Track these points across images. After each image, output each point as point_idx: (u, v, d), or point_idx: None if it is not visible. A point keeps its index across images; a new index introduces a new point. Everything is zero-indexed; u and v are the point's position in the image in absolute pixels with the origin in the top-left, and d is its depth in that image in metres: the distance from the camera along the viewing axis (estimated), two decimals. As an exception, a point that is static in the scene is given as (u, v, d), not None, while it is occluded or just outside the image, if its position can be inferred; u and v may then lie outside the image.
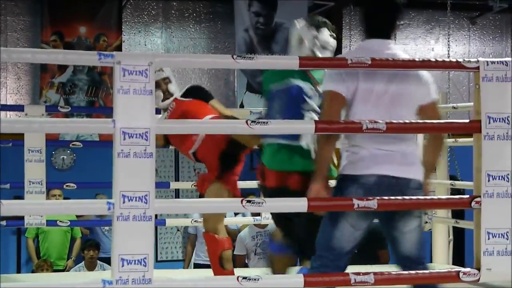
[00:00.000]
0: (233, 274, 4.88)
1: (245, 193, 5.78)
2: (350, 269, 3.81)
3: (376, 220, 6.70)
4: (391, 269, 4.00)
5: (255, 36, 10.65)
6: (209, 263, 7.97)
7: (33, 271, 8.60)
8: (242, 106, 10.27)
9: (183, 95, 5.39)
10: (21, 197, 6.26)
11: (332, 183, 3.96)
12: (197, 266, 8.27)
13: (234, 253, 7.83)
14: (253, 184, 6.56)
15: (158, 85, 5.09)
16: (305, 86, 4.44)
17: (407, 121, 3.83)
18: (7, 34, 10.22)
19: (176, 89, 5.41)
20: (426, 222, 6.38)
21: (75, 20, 10.33)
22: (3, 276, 5.97)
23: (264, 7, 10.64)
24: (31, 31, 10.30)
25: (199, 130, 4.42)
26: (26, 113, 6.36)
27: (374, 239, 7.50)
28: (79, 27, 10.35)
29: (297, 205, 3.76)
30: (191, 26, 10.79)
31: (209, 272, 5.99)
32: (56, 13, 10.20)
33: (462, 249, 7.86)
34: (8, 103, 9.87)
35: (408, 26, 11.47)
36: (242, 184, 6.58)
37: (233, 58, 3.70)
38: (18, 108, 8.13)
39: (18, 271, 9.55)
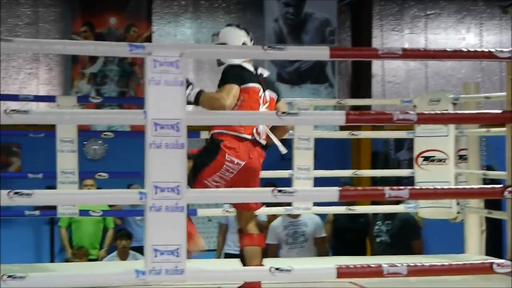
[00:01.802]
0: None
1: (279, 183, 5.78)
2: (383, 259, 3.80)
3: (408, 210, 6.71)
4: (425, 260, 3.98)
5: (285, 27, 10.62)
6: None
7: (67, 260, 8.67)
8: (272, 96, 10.24)
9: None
10: (53, 187, 6.30)
11: None
12: (228, 256, 8.28)
13: (266, 242, 7.82)
14: (283, 173, 6.58)
15: None
16: None
17: (438, 112, 3.81)
18: (39, 25, 10.28)
19: None
20: (459, 213, 6.35)
21: (106, 11, 10.36)
22: (37, 265, 6.04)
23: (294, -3, 10.62)
24: (62, 22, 10.35)
25: (231, 121, 4.41)
26: (58, 103, 6.39)
27: (408, 230, 7.49)
28: (109, 18, 10.38)
29: (329, 194, 3.77)
30: (220, 16, 10.78)
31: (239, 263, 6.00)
32: (86, 4, 10.25)
33: (500, 241, 7.81)
34: (40, 94, 9.93)
35: (438, 16, 11.39)
36: (272, 174, 6.61)
37: (263, 48, 3.71)
38: (50, 98, 8.17)
39: (52, 261, 9.63)
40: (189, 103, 4.56)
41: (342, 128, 8.15)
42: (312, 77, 10.60)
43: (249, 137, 4.73)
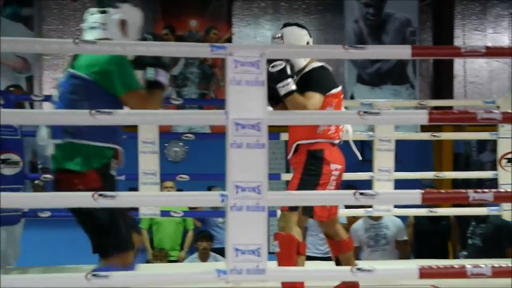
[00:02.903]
0: None
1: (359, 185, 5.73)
2: (471, 262, 3.71)
3: (492, 213, 6.58)
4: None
5: (365, 27, 10.57)
6: (321, 255, 7.98)
7: (148, 261, 8.75)
8: (352, 97, 10.21)
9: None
10: (135, 188, 6.37)
11: None
12: (309, 258, 8.24)
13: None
14: (365, 176, 6.53)
15: None
16: None
17: None
18: (121, 29, 10.42)
19: None
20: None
21: (186, 14, 10.46)
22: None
23: (374, -3, 10.57)
24: (143, 25, 10.46)
25: (312, 121, 4.39)
26: (140, 105, 6.46)
27: (502, 235, 7.34)
28: (190, 20, 10.48)
29: (411, 197, 3.71)
30: (300, 18, 10.78)
31: (319, 264, 5.98)
32: (167, 7, 10.36)
33: None
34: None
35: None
36: (353, 176, 6.56)
37: (344, 48, 3.68)
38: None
39: (132, 261, 9.72)
40: (273, 95, 4.56)
41: (423, 129, 8.07)
42: (393, 78, 10.52)
43: (338, 141, 4.78)
